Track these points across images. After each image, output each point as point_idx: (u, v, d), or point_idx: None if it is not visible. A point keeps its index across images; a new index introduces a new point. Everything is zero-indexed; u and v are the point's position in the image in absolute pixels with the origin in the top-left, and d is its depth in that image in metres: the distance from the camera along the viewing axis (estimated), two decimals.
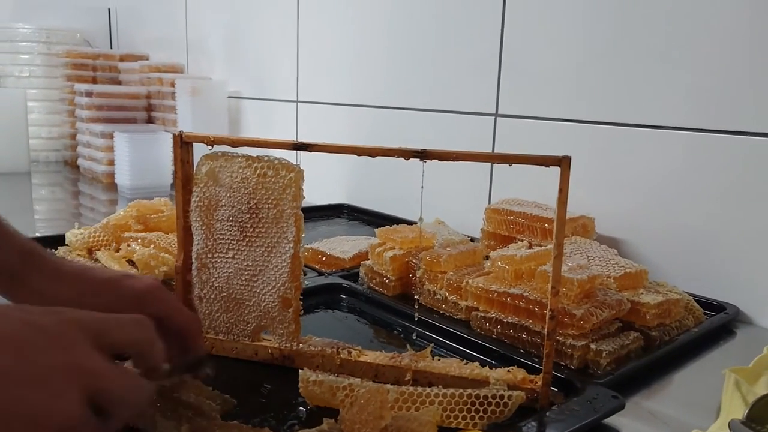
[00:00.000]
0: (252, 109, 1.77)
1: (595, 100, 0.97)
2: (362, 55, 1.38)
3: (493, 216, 0.93)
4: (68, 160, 2.04)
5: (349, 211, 1.39)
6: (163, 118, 1.83)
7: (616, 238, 0.95)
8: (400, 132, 1.31)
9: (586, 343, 0.64)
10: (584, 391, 0.56)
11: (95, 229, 0.95)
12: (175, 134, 0.62)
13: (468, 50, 1.15)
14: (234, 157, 0.61)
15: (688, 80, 0.86)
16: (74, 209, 1.56)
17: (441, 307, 0.79)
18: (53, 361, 0.34)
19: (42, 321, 0.35)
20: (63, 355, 0.34)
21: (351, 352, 0.62)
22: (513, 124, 1.09)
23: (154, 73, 1.88)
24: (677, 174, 0.89)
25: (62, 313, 0.37)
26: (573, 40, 0.99)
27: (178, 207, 0.63)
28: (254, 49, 1.74)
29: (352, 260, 0.93)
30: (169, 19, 2.10)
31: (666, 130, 0.89)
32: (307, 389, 0.55)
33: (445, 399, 0.52)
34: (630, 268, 0.74)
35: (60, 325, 0.36)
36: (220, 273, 0.63)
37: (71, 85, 1.93)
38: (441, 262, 0.80)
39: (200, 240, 0.63)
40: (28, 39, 2.05)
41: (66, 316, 0.37)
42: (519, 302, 0.69)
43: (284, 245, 0.60)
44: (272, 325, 0.62)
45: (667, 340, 0.70)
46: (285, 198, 0.60)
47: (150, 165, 1.55)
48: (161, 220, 0.99)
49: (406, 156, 0.56)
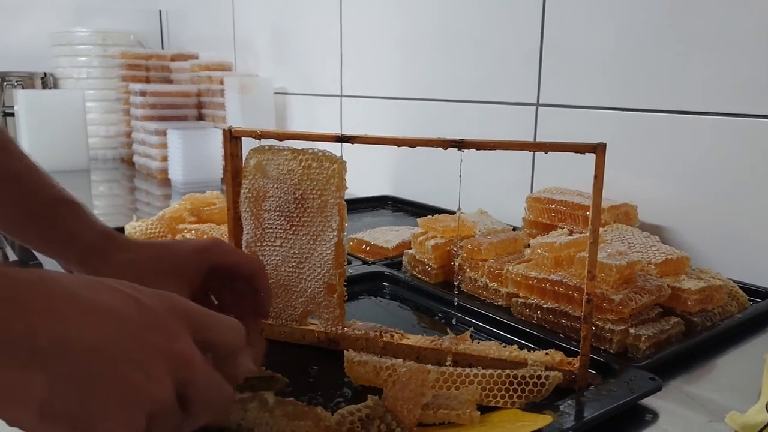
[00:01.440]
0: (297, 104, 1.81)
1: (637, 88, 0.97)
2: (403, 49, 1.40)
3: (535, 205, 0.94)
4: (124, 158, 2.13)
5: (393, 202, 1.41)
6: (212, 115, 1.89)
7: (659, 226, 0.95)
8: (442, 124, 1.32)
9: (625, 327, 0.65)
10: (622, 373, 0.57)
11: (152, 221, 1.00)
12: (224, 130, 0.66)
13: (509, 41, 1.16)
14: (280, 150, 0.64)
15: (733, 66, 0.85)
16: (131, 204, 1.64)
17: (482, 293, 0.81)
18: (156, 343, 0.34)
19: (150, 302, 0.35)
20: (166, 339, 0.34)
21: (393, 336, 0.65)
22: (555, 114, 1.09)
23: (203, 71, 1.94)
24: (721, 160, 0.88)
25: (169, 298, 0.37)
26: (614, 27, 0.99)
27: (229, 199, 0.67)
28: (299, 46, 1.78)
29: (396, 249, 0.95)
30: (217, 19, 2.17)
31: (710, 116, 0.88)
32: (353, 369, 0.57)
33: (484, 379, 0.54)
34: (671, 255, 0.75)
35: (167, 310, 0.36)
36: (268, 260, 0.66)
37: (126, 85, 2.01)
38: (482, 250, 0.82)
39: (249, 229, 0.66)
40: (86, 42, 2.15)
41: (173, 302, 0.37)
42: (558, 288, 0.70)
43: (328, 233, 0.63)
44: (318, 310, 0.65)
45: (709, 325, 0.70)
46: (329, 188, 0.63)
47: (201, 160, 1.61)
48: (213, 212, 1.03)
49: (445, 146, 0.58)
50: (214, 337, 0.38)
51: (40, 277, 0.32)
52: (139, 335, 0.33)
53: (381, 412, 0.48)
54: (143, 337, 0.33)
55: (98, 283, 0.35)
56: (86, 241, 0.56)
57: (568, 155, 0.56)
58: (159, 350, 0.33)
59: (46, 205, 0.58)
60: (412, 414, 0.49)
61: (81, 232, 0.57)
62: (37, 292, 0.31)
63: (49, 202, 0.58)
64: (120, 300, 0.34)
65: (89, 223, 0.58)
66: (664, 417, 0.55)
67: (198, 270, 0.54)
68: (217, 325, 0.39)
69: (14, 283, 0.31)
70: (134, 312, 0.34)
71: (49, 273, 0.34)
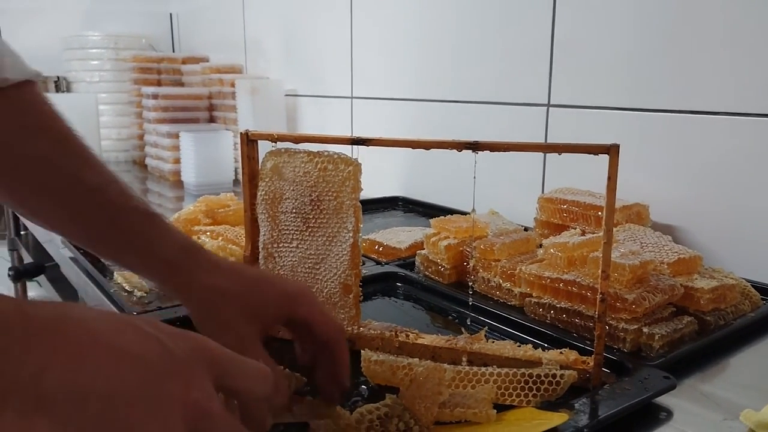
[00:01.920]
0: (308, 106, 1.82)
1: (647, 88, 0.97)
2: (413, 51, 1.41)
3: (546, 205, 0.94)
4: (137, 160, 2.15)
5: (404, 203, 1.42)
6: (224, 117, 1.90)
7: (671, 225, 0.95)
8: (452, 125, 1.33)
9: (638, 327, 0.66)
10: (636, 372, 0.58)
11: None
12: (241, 133, 0.67)
13: (519, 41, 1.16)
14: (296, 152, 0.65)
15: (746, 65, 0.85)
16: None
17: (495, 293, 0.82)
18: (173, 391, 0.32)
19: (172, 345, 0.33)
20: (184, 387, 0.32)
21: (409, 335, 0.65)
22: (565, 114, 1.10)
23: (214, 74, 1.96)
24: (732, 160, 0.88)
25: (194, 340, 0.35)
26: (625, 27, 0.99)
27: (246, 201, 0.68)
28: (309, 47, 1.79)
29: (408, 250, 0.96)
30: (228, 21, 2.18)
31: (721, 115, 0.89)
32: (369, 368, 0.58)
33: (500, 378, 0.55)
34: (684, 254, 0.75)
35: (189, 354, 0.34)
36: (285, 262, 0.67)
37: (138, 88, 2.03)
38: (495, 250, 0.82)
39: (266, 231, 0.67)
40: (98, 46, 2.17)
41: (197, 344, 0.35)
42: (571, 288, 0.71)
43: (344, 234, 0.64)
44: (334, 310, 0.66)
45: (722, 324, 0.70)
46: (344, 190, 0.64)
47: (213, 162, 1.62)
48: (228, 213, 1.05)
49: (459, 148, 0.59)
50: (238, 384, 0.37)
51: (59, 314, 0.31)
52: (156, 382, 0.31)
53: (399, 410, 0.49)
54: (160, 384, 0.31)
55: (122, 323, 0.33)
56: (165, 254, 0.54)
57: (579, 155, 0.56)
58: (175, 399, 0.32)
59: (123, 216, 0.56)
60: (429, 412, 0.50)
61: (159, 245, 0.55)
62: (52, 331, 0.30)
63: (127, 213, 0.56)
64: (141, 343, 0.32)
65: (169, 236, 0.56)
66: (678, 415, 0.55)
67: (276, 317, 0.52)
68: (243, 371, 0.37)
69: (30, 320, 0.29)
70: (154, 356, 0.32)
71: (71, 309, 0.32)
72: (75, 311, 0.32)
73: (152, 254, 0.55)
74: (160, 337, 0.33)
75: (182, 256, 0.54)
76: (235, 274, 0.54)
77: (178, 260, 0.54)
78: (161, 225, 0.56)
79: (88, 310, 0.33)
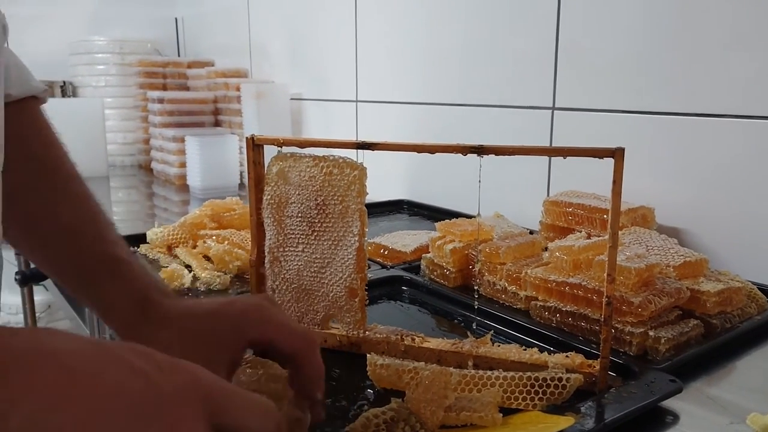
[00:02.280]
0: (313, 109, 1.82)
1: (652, 91, 0.97)
2: (418, 54, 1.41)
3: (552, 208, 0.94)
4: (143, 164, 2.16)
5: (409, 206, 1.42)
6: (229, 121, 1.91)
7: (677, 228, 0.95)
8: (457, 128, 1.33)
9: (644, 330, 0.65)
10: (642, 376, 0.58)
11: (173, 227, 1.02)
12: (247, 138, 0.67)
13: (524, 45, 1.16)
14: (302, 157, 0.65)
15: (748, 68, 0.85)
16: (149, 210, 1.66)
17: (501, 297, 0.82)
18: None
19: (162, 381, 0.31)
20: (167, 428, 0.30)
21: (414, 339, 0.65)
22: (570, 117, 1.10)
23: (220, 78, 1.97)
24: (738, 162, 0.88)
25: (187, 373, 0.32)
26: (629, 30, 0.99)
27: (251, 205, 0.68)
28: (314, 51, 1.80)
29: (414, 253, 0.96)
30: (233, 26, 2.19)
31: (725, 118, 0.89)
32: (375, 372, 0.58)
33: (506, 381, 0.55)
34: (690, 257, 0.75)
35: (179, 391, 0.31)
36: (291, 266, 0.67)
37: (144, 93, 2.04)
38: (500, 253, 0.82)
39: (272, 235, 0.68)
40: (104, 51, 2.19)
41: (190, 378, 0.32)
42: (577, 291, 0.71)
43: (350, 238, 0.64)
44: (340, 314, 0.66)
45: (728, 327, 0.70)
46: (350, 194, 0.64)
47: (219, 166, 1.63)
48: (234, 218, 1.05)
49: (464, 152, 0.59)
50: (237, 422, 0.33)
51: (36, 346, 0.28)
52: (138, 426, 0.29)
53: (405, 414, 0.49)
54: (143, 428, 0.29)
55: (105, 357, 0.30)
56: (119, 311, 0.52)
57: (583, 158, 0.56)
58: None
59: (89, 266, 0.53)
60: (435, 416, 0.50)
61: (115, 301, 0.52)
62: (26, 366, 0.27)
63: (93, 262, 0.53)
64: (124, 381, 0.29)
65: (125, 291, 0.52)
66: (684, 419, 0.55)
67: (235, 349, 0.48)
68: (241, 407, 0.34)
69: (3, 352, 0.27)
70: (138, 396, 0.29)
71: (50, 339, 0.30)
72: (54, 341, 0.29)
73: (109, 310, 0.53)
74: (149, 371, 0.31)
75: (135, 313, 0.51)
76: (186, 319, 0.50)
77: (131, 318, 0.51)
78: (123, 276, 0.53)
79: (69, 341, 0.30)
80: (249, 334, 0.47)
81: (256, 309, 0.48)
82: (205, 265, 0.92)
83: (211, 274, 0.89)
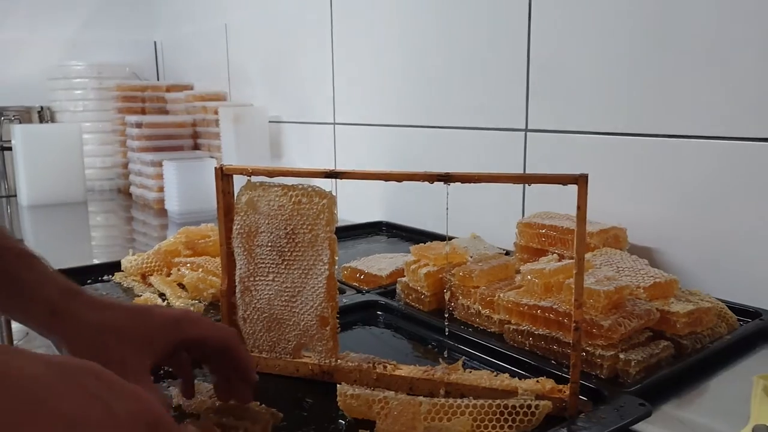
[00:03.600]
0: (292, 132, 1.83)
1: (624, 112, 0.99)
2: (394, 77, 1.42)
3: (525, 230, 0.95)
4: (121, 188, 2.14)
5: (387, 228, 1.42)
6: (208, 145, 1.91)
7: (649, 248, 0.96)
8: (433, 150, 1.34)
9: (615, 353, 0.66)
10: (612, 400, 0.58)
11: (148, 255, 1.01)
12: (216, 168, 0.67)
13: (496, 68, 1.18)
14: (271, 186, 0.65)
15: (718, 90, 0.87)
16: (128, 234, 1.65)
17: (475, 321, 0.82)
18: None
19: (116, 407, 0.33)
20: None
21: (386, 367, 0.65)
22: (543, 139, 1.11)
23: (198, 101, 1.97)
24: (709, 182, 0.89)
25: (139, 401, 0.35)
26: (600, 52, 1.01)
27: (221, 235, 0.68)
28: (292, 74, 1.80)
29: (389, 277, 0.96)
30: (211, 49, 2.20)
31: (695, 139, 0.90)
32: (345, 402, 0.58)
33: (476, 410, 0.55)
34: (659, 278, 0.76)
35: (132, 418, 0.33)
36: (261, 295, 0.67)
37: (122, 117, 2.03)
38: (473, 277, 0.83)
39: (242, 264, 0.67)
40: (82, 75, 2.18)
41: (141, 407, 0.35)
42: (549, 314, 0.71)
43: (320, 267, 0.64)
44: (311, 342, 0.66)
45: (699, 348, 0.71)
46: (319, 223, 0.64)
47: (197, 191, 1.62)
48: (208, 244, 1.04)
49: (431, 180, 0.60)
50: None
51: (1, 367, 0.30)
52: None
53: None
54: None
55: (66, 378, 0.32)
56: (48, 297, 0.52)
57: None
58: None
59: (7, 259, 0.53)
60: None
61: (41, 287, 0.52)
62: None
63: (10, 256, 0.53)
64: (84, 407, 0.31)
65: (50, 278, 0.53)
66: None
67: (165, 343, 0.52)
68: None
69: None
70: (94, 423, 0.31)
71: (15, 359, 0.31)
72: (17, 363, 0.31)
73: (31, 296, 0.52)
74: (105, 397, 0.33)
75: (63, 298, 0.52)
76: (118, 309, 0.54)
77: (59, 302, 0.52)
78: (40, 267, 0.54)
79: (33, 364, 0.32)
80: (184, 332, 0.53)
81: (191, 314, 0.56)
82: (179, 293, 0.92)
83: (185, 303, 0.88)
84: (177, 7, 2.48)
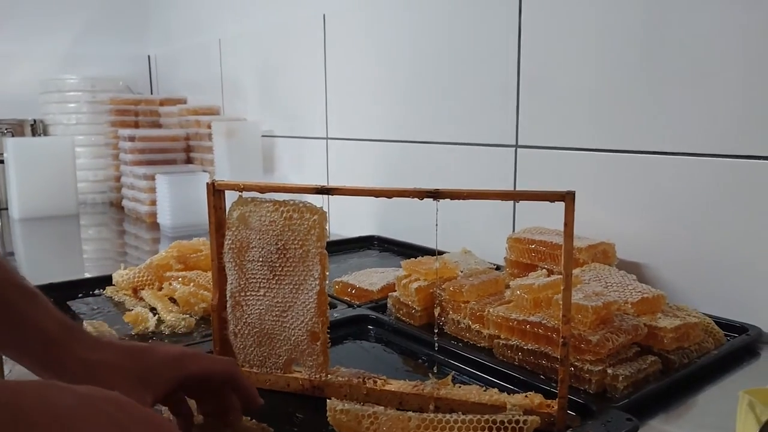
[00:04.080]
0: (285, 146, 1.84)
1: (614, 129, 1.00)
2: (385, 93, 1.44)
3: (515, 245, 0.95)
4: (113, 202, 2.14)
5: (379, 242, 1.43)
6: (201, 159, 1.91)
7: (638, 263, 0.97)
8: (424, 165, 1.35)
9: (603, 368, 0.66)
10: (600, 415, 0.59)
11: (139, 269, 1.01)
12: (208, 183, 0.68)
13: (486, 83, 1.19)
14: (262, 202, 0.66)
15: (708, 107, 0.88)
16: (120, 248, 1.64)
17: (465, 335, 0.82)
18: None
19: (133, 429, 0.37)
20: None
21: (376, 382, 0.66)
22: (533, 155, 1.12)
23: (191, 116, 1.97)
24: (696, 199, 0.90)
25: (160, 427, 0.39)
26: (590, 69, 1.02)
27: (213, 250, 0.69)
28: (285, 88, 1.82)
29: (381, 292, 0.97)
30: (205, 63, 2.21)
31: (684, 156, 0.91)
32: (335, 418, 0.58)
33: (464, 425, 0.55)
34: (647, 294, 0.76)
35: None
36: (252, 310, 0.67)
37: (115, 131, 2.04)
38: (463, 292, 0.83)
39: (233, 280, 0.68)
40: (75, 89, 2.18)
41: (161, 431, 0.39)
42: (538, 330, 0.72)
43: (311, 282, 0.65)
44: (302, 357, 0.66)
45: (686, 363, 0.71)
46: (310, 238, 0.64)
47: (189, 204, 1.62)
48: (200, 259, 1.05)
49: (420, 196, 0.61)
50: None
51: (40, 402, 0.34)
52: None
53: None
54: None
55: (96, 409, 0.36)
56: (44, 331, 0.52)
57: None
58: None
59: (9, 294, 0.53)
60: None
61: (41, 322, 0.52)
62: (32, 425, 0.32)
63: (5, 288, 0.53)
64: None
65: (48, 314, 0.53)
66: None
67: (167, 380, 0.53)
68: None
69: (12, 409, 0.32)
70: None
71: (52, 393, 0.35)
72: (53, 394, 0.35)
73: (31, 331, 0.52)
74: (126, 424, 0.36)
75: (63, 333, 0.52)
76: (117, 348, 0.53)
77: (59, 337, 0.52)
78: (41, 303, 0.54)
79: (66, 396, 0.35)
80: (187, 368, 0.54)
81: (191, 351, 0.58)
82: (170, 308, 0.92)
83: (176, 317, 0.88)
84: (171, 21, 2.49)
